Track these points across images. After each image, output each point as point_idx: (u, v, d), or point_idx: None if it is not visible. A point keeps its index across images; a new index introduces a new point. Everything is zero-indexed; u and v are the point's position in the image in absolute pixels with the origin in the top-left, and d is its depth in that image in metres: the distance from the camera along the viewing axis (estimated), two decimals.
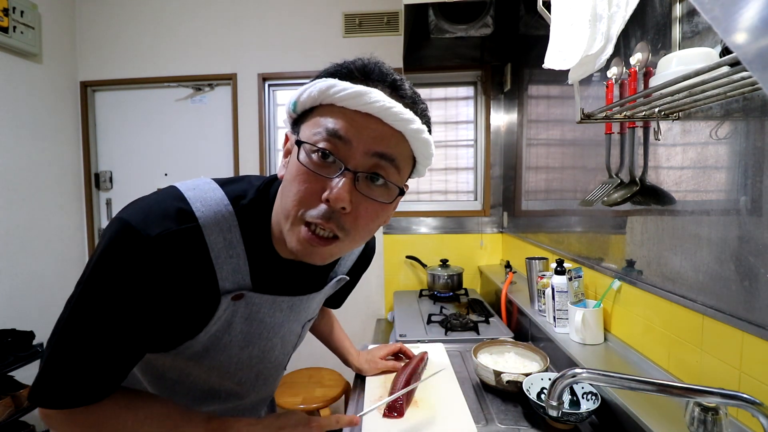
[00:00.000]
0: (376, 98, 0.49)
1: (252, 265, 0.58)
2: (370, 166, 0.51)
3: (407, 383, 0.97)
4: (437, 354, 1.22)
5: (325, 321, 1.06)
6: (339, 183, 0.48)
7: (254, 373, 0.71)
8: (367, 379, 1.08)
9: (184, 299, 0.54)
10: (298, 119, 0.55)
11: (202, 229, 0.53)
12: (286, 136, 0.57)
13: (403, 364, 1.09)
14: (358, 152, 0.49)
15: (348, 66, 0.54)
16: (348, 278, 0.77)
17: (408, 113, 0.51)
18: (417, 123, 0.52)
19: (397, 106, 0.50)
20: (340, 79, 0.52)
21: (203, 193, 0.56)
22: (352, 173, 0.49)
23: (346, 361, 1.09)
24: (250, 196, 0.58)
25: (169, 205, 0.53)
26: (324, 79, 0.52)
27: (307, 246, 0.51)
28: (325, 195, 0.49)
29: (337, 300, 0.92)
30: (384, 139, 0.51)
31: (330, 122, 0.50)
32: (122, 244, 0.50)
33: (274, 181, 0.62)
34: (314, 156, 0.50)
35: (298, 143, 0.51)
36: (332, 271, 0.73)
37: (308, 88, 0.52)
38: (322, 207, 0.49)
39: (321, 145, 0.49)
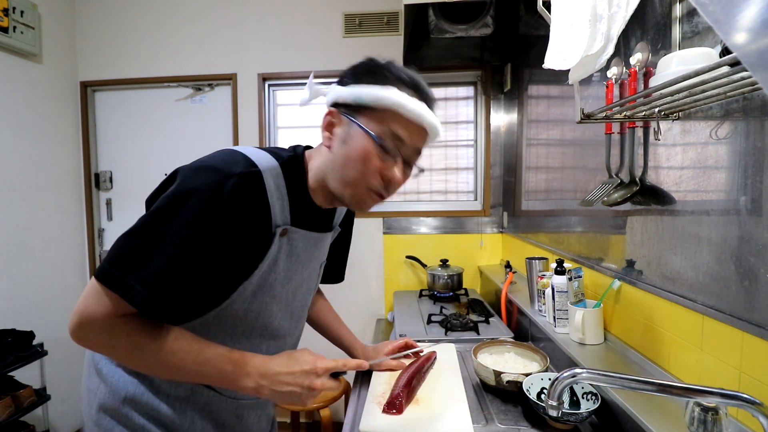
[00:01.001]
0: (430, 120, 0.71)
1: (291, 206, 0.73)
2: (412, 157, 0.75)
3: (410, 381, 0.97)
4: (447, 354, 1.23)
5: (328, 313, 1.11)
6: (399, 171, 0.72)
7: (289, 312, 0.82)
8: (372, 375, 1.09)
9: (250, 233, 0.67)
10: (357, 107, 0.70)
11: (262, 173, 0.68)
12: (332, 112, 0.72)
13: (402, 363, 1.09)
14: (409, 149, 0.73)
15: (412, 81, 0.72)
16: (340, 229, 0.94)
17: (439, 123, 0.74)
18: (441, 128, 0.76)
19: (437, 121, 0.73)
20: (406, 87, 0.70)
21: (253, 150, 0.71)
22: (404, 162, 0.73)
23: (350, 355, 1.10)
24: (286, 155, 0.74)
25: (236, 156, 0.68)
26: (395, 90, 0.68)
27: (362, 203, 0.74)
28: (388, 175, 0.71)
29: (338, 270, 1.05)
30: (423, 140, 0.75)
31: (398, 129, 0.70)
32: (214, 179, 0.62)
33: (296, 146, 0.80)
34: (379, 147, 0.69)
35: (365, 131, 0.69)
36: (334, 219, 0.90)
37: (377, 92, 0.68)
38: (381, 180, 0.71)
39: (389, 143, 0.69)
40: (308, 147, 0.81)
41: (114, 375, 0.75)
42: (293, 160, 0.75)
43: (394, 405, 0.91)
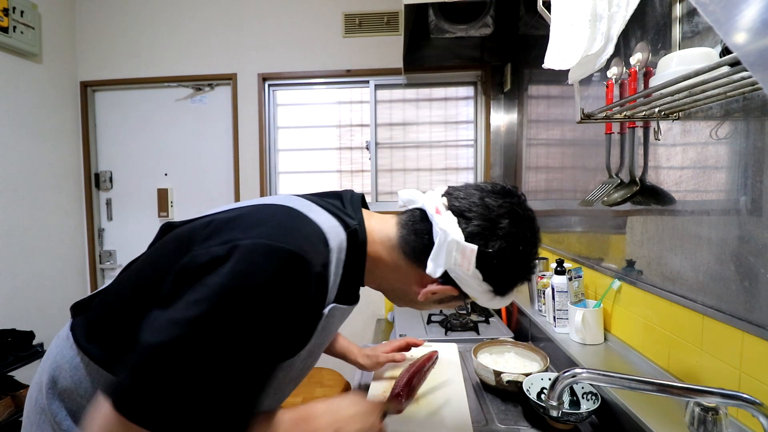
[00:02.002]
0: None
1: (341, 282, 0.62)
2: None
3: (410, 380, 0.97)
4: (448, 354, 1.22)
5: None
6: None
7: (293, 385, 0.71)
8: (373, 375, 1.09)
9: (310, 321, 0.58)
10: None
11: (330, 253, 0.58)
12: (453, 292, 0.64)
13: (401, 355, 1.08)
14: None
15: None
16: None
17: None
18: None
19: None
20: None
21: (320, 214, 0.61)
22: None
23: (346, 359, 1.08)
24: (353, 225, 0.64)
25: (308, 230, 0.57)
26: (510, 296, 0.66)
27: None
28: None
29: None
30: None
31: None
32: (300, 275, 0.51)
33: (353, 198, 0.70)
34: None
35: (465, 303, 0.70)
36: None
37: (495, 304, 0.65)
38: None
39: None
40: (363, 201, 0.73)
41: None
42: (358, 232, 0.64)
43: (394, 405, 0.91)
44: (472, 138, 2.56)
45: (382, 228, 0.67)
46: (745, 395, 0.56)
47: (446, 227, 0.60)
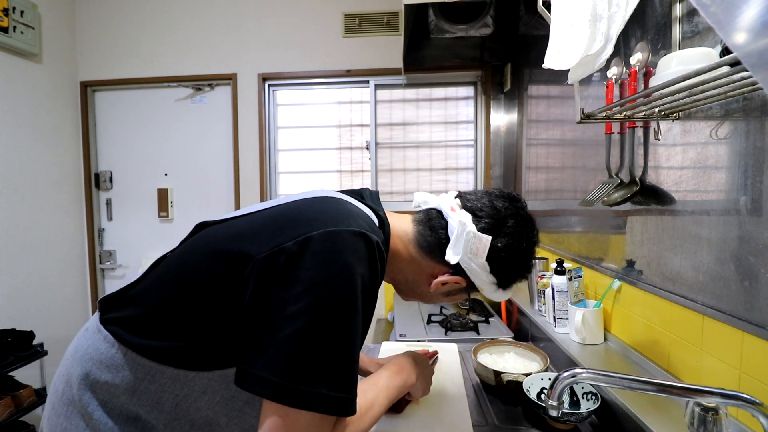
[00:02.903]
0: None
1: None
2: None
3: None
4: (449, 354, 1.22)
5: None
6: None
7: None
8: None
9: (377, 292, 0.64)
10: (473, 285, 0.73)
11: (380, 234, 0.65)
12: (461, 282, 0.72)
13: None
14: None
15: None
16: None
17: None
18: None
19: None
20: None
21: (362, 205, 0.69)
22: None
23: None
24: (382, 216, 0.70)
25: (363, 214, 0.65)
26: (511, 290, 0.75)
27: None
28: None
29: None
30: None
31: None
32: (366, 247, 0.58)
33: (374, 197, 0.76)
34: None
35: (469, 297, 0.82)
36: None
37: (498, 296, 0.74)
38: None
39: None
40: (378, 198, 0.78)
41: (106, 424, 0.61)
42: (386, 224, 0.72)
43: (394, 404, 0.91)
44: (472, 138, 2.56)
45: (400, 224, 0.74)
46: (745, 395, 0.56)
47: (464, 220, 0.67)
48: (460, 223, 0.67)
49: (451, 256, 0.68)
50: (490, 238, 0.67)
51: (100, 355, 0.61)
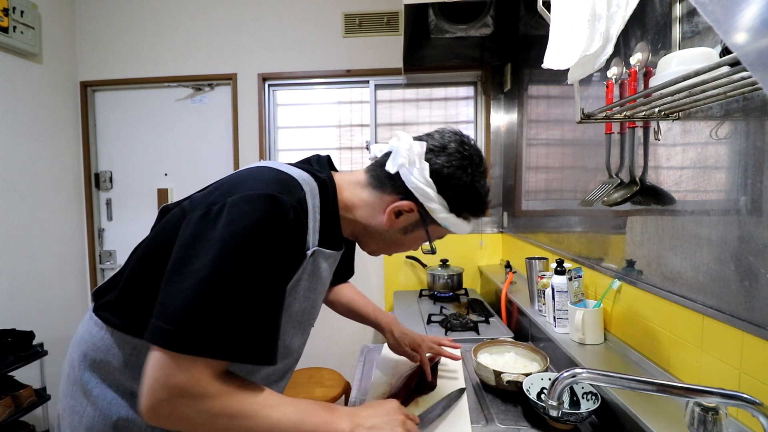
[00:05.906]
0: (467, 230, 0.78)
1: (321, 227, 0.71)
2: None
3: (408, 382, 0.97)
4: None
5: (351, 291, 1.15)
6: None
7: (302, 329, 0.79)
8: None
9: (294, 258, 0.66)
10: (427, 215, 0.74)
11: (305, 195, 0.67)
12: (413, 209, 0.74)
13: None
14: None
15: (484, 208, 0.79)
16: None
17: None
18: None
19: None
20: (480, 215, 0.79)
21: (296, 170, 0.70)
22: None
23: (375, 326, 1.11)
24: (322, 177, 0.73)
25: (282, 177, 0.66)
26: (470, 223, 0.78)
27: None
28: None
29: (348, 267, 1.06)
30: None
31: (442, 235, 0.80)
32: (277, 210, 0.60)
33: (320, 159, 0.79)
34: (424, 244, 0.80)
35: (428, 238, 0.78)
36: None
37: (459, 226, 0.75)
38: None
39: (433, 245, 0.79)
40: (329, 161, 0.81)
41: (105, 397, 0.69)
42: (328, 182, 0.74)
43: None
44: (472, 138, 2.56)
45: (350, 178, 0.78)
46: (745, 395, 0.56)
47: (402, 137, 0.73)
48: (396, 138, 0.73)
49: (390, 166, 0.71)
50: (425, 143, 0.72)
51: (93, 338, 0.70)
